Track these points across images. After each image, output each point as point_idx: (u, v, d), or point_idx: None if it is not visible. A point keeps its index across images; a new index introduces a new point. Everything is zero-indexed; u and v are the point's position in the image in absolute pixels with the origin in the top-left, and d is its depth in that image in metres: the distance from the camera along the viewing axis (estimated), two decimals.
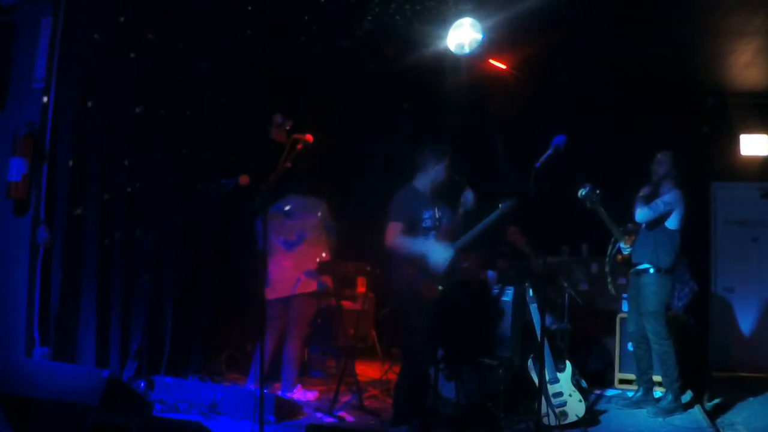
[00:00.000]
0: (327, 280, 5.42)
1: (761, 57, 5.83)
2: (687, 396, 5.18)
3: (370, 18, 5.37)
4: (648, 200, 5.03)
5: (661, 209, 4.96)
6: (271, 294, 5.30)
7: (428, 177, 4.41)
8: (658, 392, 5.20)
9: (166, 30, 5.39)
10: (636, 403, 5.18)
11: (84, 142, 5.00)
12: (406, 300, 4.28)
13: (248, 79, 6.12)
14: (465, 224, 4.49)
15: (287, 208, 5.41)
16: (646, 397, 5.18)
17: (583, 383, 5.50)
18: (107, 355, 5.08)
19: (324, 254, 5.43)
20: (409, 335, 4.30)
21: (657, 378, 5.24)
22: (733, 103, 6.78)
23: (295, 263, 5.31)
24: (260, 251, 5.33)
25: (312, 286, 5.31)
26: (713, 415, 4.90)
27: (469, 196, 4.44)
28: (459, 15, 5.18)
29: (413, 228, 4.27)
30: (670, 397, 4.94)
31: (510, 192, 4.39)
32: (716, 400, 5.29)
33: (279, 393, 5.25)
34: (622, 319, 5.84)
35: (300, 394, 5.32)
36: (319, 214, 5.44)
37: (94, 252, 5.02)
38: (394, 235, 4.20)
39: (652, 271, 4.99)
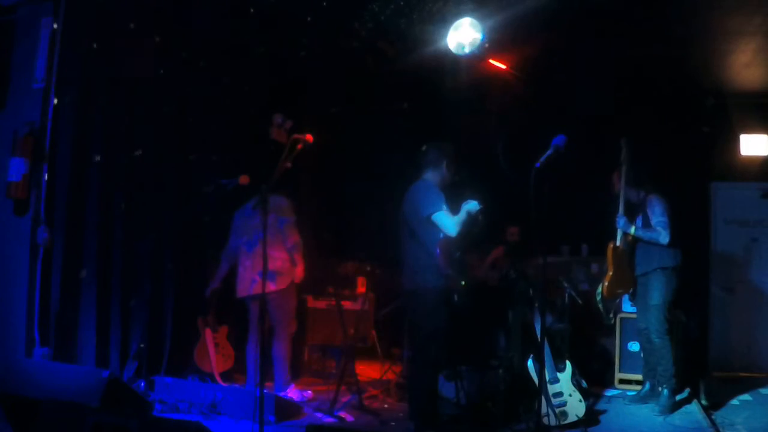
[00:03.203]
0: (299, 272, 5.39)
1: (761, 57, 5.82)
2: (684, 393, 5.19)
3: (370, 18, 5.37)
4: (646, 223, 5.15)
5: (666, 222, 5.05)
6: (238, 294, 5.39)
7: (438, 174, 4.44)
8: None
9: (166, 29, 5.38)
10: (642, 398, 5.26)
11: (84, 142, 5.00)
12: (433, 299, 4.24)
13: (248, 79, 6.12)
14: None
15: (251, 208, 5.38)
16: (653, 392, 5.23)
17: (583, 383, 5.50)
18: (107, 355, 5.08)
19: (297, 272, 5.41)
20: (428, 335, 4.27)
21: None
22: (733, 103, 6.76)
23: (252, 263, 5.27)
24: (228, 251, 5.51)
25: (268, 286, 5.15)
26: (713, 415, 4.90)
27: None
28: (459, 15, 5.18)
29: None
30: (666, 392, 4.99)
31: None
32: (716, 400, 5.30)
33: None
34: (623, 319, 5.84)
35: (294, 392, 5.32)
36: (276, 211, 5.31)
37: (94, 252, 5.02)
38: (456, 223, 4.15)
39: (659, 268, 5.08)
